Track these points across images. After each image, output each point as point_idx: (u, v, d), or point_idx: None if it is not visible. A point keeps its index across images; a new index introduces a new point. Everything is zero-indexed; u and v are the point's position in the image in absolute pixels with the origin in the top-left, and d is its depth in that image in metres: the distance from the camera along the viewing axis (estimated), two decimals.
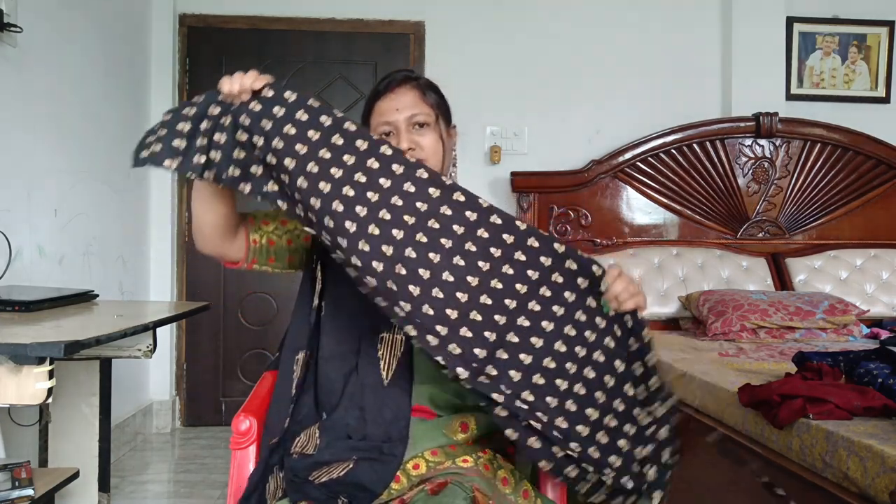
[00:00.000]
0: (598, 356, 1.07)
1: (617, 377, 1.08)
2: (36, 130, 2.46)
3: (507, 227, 1.08)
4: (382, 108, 1.26)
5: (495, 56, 3.59)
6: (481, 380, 1.01)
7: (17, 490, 1.74)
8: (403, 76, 1.29)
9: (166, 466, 3.11)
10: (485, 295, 1.04)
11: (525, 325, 1.05)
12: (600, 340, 1.08)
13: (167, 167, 1.07)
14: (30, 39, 2.37)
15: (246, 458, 1.21)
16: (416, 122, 1.25)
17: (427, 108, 1.27)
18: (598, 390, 1.06)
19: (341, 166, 1.06)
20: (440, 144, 1.27)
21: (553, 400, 1.03)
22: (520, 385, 1.03)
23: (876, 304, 3.28)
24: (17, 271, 2.27)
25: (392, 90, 1.27)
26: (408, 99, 1.26)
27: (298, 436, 1.19)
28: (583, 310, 1.08)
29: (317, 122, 1.08)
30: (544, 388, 1.03)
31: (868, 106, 3.81)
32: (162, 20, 3.55)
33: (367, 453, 1.13)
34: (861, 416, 1.57)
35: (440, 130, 1.28)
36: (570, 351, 1.06)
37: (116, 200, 3.12)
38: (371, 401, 1.16)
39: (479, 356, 1.02)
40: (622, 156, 3.48)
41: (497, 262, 1.06)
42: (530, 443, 1.01)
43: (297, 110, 1.08)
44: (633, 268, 3.35)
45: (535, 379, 1.03)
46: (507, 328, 1.04)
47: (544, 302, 1.06)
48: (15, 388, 1.31)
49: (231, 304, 3.67)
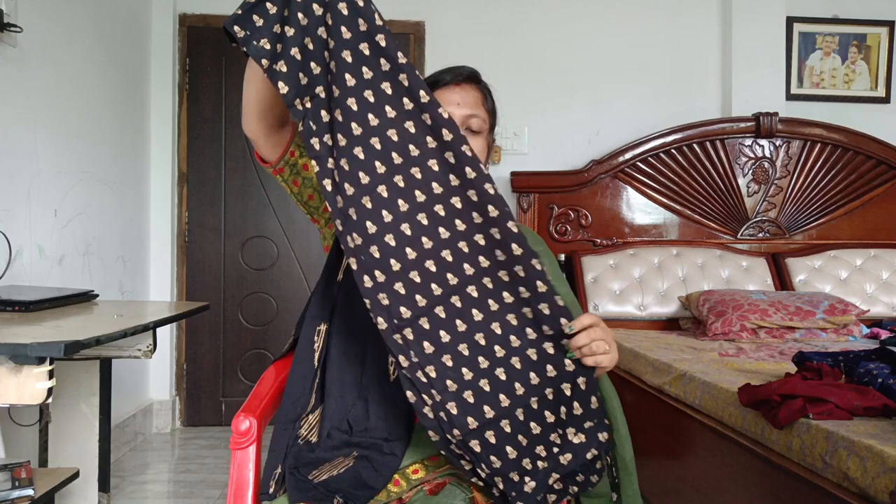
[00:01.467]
0: (516, 362, 1.03)
1: (529, 388, 1.03)
2: (36, 130, 2.46)
3: (479, 208, 1.05)
4: (443, 98, 1.24)
5: (495, 56, 3.60)
6: (395, 338, 1.00)
7: (17, 490, 1.74)
8: (470, 73, 1.29)
9: (166, 466, 3.11)
10: (431, 261, 1.03)
11: (457, 306, 1.03)
12: (524, 348, 1.04)
13: (236, 33, 1.00)
14: (30, 39, 2.37)
15: (246, 458, 1.21)
16: (471, 126, 1.25)
17: (485, 113, 1.28)
18: (504, 393, 1.02)
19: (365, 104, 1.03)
20: (484, 155, 1.29)
21: (453, 385, 1.01)
22: (428, 359, 1.01)
23: (876, 304, 3.29)
24: (17, 271, 2.27)
25: (459, 84, 1.26)
26: (471, 98, 1.26)
27: (307, 418, 1.19)
28: (516, 315, 1.05)
29: (376, 62, 1.04)
30: (450, 371, 1.01)
31: (868, 106, 3.81)
32: (162, 20, 3.55)
33: (367, 451, 1.13)
34: (861, 416, 1.57)
35: (488, 140, 1.30)
36: (489, 347, 1.03)
37: (116, 200, 3.13)
38: (376, 394, 1.15)
39: (403, 315, 1.01)
40: (622, 156, 3.48)
41: (456, 236, 1.04)
42: (425, 411, 1.00)
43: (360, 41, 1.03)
44: (634, 268, 3.35)
45: (445, 359, 1.01)
46: (439, 300, 1.03)
47: (483, 291, 1.04)
48: (15, 388, 1.31)
49: (231, 304, 3.68)
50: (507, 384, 1.02)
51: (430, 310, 1.02)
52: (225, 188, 3.67)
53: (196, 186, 3.67)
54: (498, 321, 1.04)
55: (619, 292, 3.29)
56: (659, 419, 2.37)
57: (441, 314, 1.02)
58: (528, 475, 1.00)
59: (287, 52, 1.01)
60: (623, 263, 3.37)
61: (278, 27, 1.01)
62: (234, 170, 3.67)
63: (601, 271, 3.34)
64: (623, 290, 3.29)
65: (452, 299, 1.03)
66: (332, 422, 1.17)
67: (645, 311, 3.26)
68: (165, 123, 3.55)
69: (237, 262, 3.69)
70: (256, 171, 3.67)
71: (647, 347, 2.69)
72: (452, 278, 1.03)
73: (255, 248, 3.69)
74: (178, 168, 3.63)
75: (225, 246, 3.69)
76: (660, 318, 3.26)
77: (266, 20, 1.00)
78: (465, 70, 1.30)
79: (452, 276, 1.03)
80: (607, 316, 3.24)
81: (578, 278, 3.32)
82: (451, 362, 1.01)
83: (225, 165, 3.67)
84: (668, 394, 2.31)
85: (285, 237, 3.69)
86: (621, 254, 3.41)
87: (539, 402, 1.03)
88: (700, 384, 2.11)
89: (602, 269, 3.35)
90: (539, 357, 1.04)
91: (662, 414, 2.33)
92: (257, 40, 1.00)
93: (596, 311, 3.23)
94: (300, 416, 1.19)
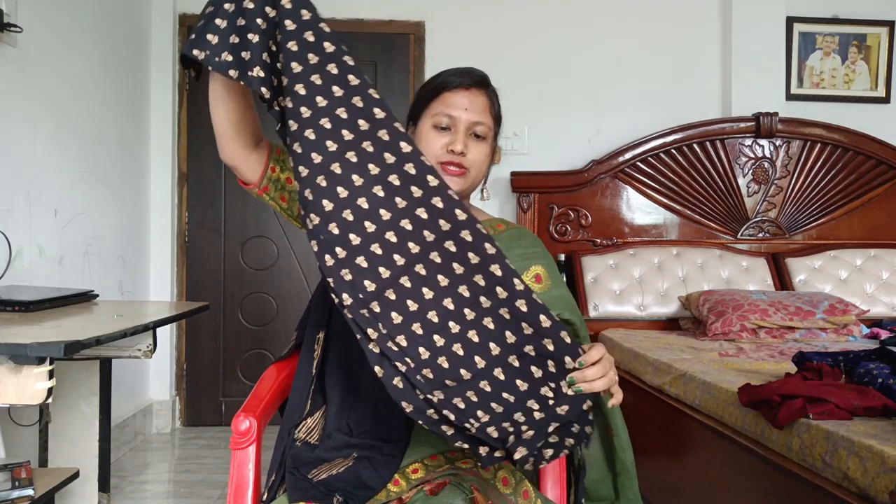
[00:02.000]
0: (489, 323, 1.02)
1: (506, 346, 1.02)
2: (36, 130, 2.46)
3: (432, 171, 1.05)
4: (450, 100, 1.25)
5: (495, 56, 3.59)
6: (363, 312, 0.99)
7: (17, 490, 1.74)
8: (480, 78, 1.29)
9: (166, 466, 3.11)
10: (392, 232, 1.02)
11: (421, 274, 1.02)
12: (496, 308, 1.02)
13: (197, 56, 1.03)
14: (30, 39, 2.37)
15: (246, 458, 1.21)
16: (476, 132, 1.25)
17: (491, 120, 1.28)
18: (478, 354, 1.01)
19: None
20: (488, 161, 1.30)
21: (426, 352, 1.00)
22: (398, 329, 1.00)
23: (876, 304, 3.29)
24: (17, 271, 2.27)
25: (468, 88, 1.26)
26: (479, 103, 1.26)
27: (305, 421, 1.19)
28: (483, 275, 1.02)
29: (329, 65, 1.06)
30: (421, 338, 1.00)
31: (868, 106, 3.81)
32: (162, 20, 3.55)
33: (367, 452, 1.13)
34: (861, 416, 1.57)
35: (493, 147, 1.31)
36: (459, 311, 1.01)
37: (116, 200, 3.13)
38: (375, 395, 1.16)
39: (368, 289, 1.00)
40: (622, 156, 3.48)
41: (413, 203, 1.03)
42: (395, 382, 0.98)
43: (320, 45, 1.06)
44: (634, 268, 3.36)
45: (415, 327, 1.00)
46: (403, 270, 1.02)
47: (447, 256, 1.03)
48: (15, 388, 1.31)
49: (231, 304, 3.68)
50: (480, 346, 1.01)
51: (394, 280, 1.01)
52: (225, 188, 3.67)
53: (196, 186, 3.67)
54: (465, 283, 1.02)
55: (619, 292, 3.29)
56: (659, 419, 2.37)
57: (406, 283, 1.01)
58: (524, 425, 0.98)
59: (258, 56, 1.03)
60: (623, 263, 3.37)
61: (235, 37, 1.03)
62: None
63: (601, 271, 3.34)
64: (623, 290, 3.29)
65: (416, 268, 1.02)
66: (332, 425, 1.17)
67: (645, 311, 3.26)
68: (165, 123, 3.55)
69: (237, 262, 3.69)
70: None
71: (647, 347, 2.69)
72: (414, 247, 1.02)
73: (255, 248, 3.69)
74: (178, 168, 3.63)
75: (225, 246, 3.69)
76: (660, 318, 3.26)
77: (220, 35, 1.03)
78: (476, 74, 1.29)
79: (414, 244, 1.02)
80: (607, 316, 3.24)
81: (578, 278, 3.32)
82: (421, 330, 1.00)
83: (225, 165, 3.66)
84: (668, 394, 2.31)
85: (285, 237, 3.69)
86: (621, 254, 3.41)
87: (520, 360, 1.01)
88: (700, 384, 2.11)
89: (602, 269, 3.35)
90: (512, 316, 1.02)
91: (662, 414, 2.33)
92: (219, 56, 1.02)
93: (596, 311, 3.24)
94: (298, 422, 1.19)
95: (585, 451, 1.29)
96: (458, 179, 1.25)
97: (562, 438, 0.99)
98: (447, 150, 1.24)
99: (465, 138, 1.24)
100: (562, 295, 1.28)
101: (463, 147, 1.23)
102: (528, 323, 1.01)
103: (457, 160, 1.24)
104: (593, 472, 1.30)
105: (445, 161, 1.24)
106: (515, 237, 1.34)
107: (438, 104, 1.26)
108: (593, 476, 1.30)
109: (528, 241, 1.34)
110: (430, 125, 1.26)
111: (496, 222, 1.38)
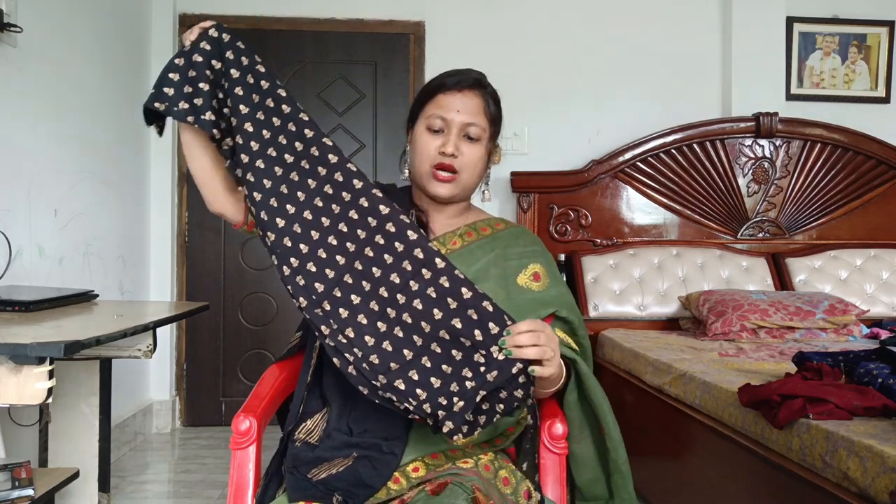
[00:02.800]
0: (418, 303, 1.10)
1: (435, 323, 1.09)
2: (36, 130, 2.46)
3: (358, 175, 1.17)
4: (444, 102, 1.26)
5: (495, 56, 3.60)
6: (316, 312, 1.10)
7: (17, 490, 1.74)
8: (475, 80, 1.29)
9: (166, 466, 3.11)
10: (332, 236, 1.14)
11: (359, 269, 1.13)
12: (423, 289, 1.11)
13: (158, 109, 1.18)
14: (30, 39, 2.37)
15: (246, 458, 1.21)
16: (469, 133, 1.25)
17: (485, 121, 1.28)
18: (415, 333, 1.09)
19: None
20: (483, 162, 1.30)
21: (370, 339, 1.09)
22: (345, 322, 1.10)
23: (876, 304, 3.29)
24: (17, 271, 2.27)
25: (461, 90, 1.26)
26: (472, 105, 1.26)
27: (304, 423, 1.20)
28: (410, 260, 1.12)
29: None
30: (366, 328, 1.09)
31: (868, 106, 3.81)
32: (162, 20, 3.55)
33: (366, 451, 1.13)
34: (861, 416, 1.57)
35: (488, 148, 1.30)
36: (392, 297, 1.11)
37: (116, 200, 3.13)
38: None
39: (318, 290, 1.12)
40: (622, 156, 3.48)
41: (344, 207, 1.16)
42: (350, 371, 1.06)
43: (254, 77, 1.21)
44: (634, 268, 3.36)
45: (360, 318, 1.10)
46: (345, 269, 1.13)
47: (378, 249, 1.13)
48: (15, 388, 1.31)
49: (231, 304, 3.68)
50: (415, 326, 1.10)
51: (339, 279, 1.12)
52: None
53: (196, 186, 3.66)
54: (395, 271, 1.12)
55: (619, 292, 3.29)
56: (659, 419, 2.37)
57: (349, 280, 1.12)
58: (455, 396, 1.04)
59: (208, 102, 1.18)
60: (623, 263, 3.37)
61: (188, 87, 1.17)
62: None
63: (601, 271, 3.34)
64: (623, 290, 3.29)
65: (355, 264, 1.13)
66: (333, 425, 1.17)
67: (645, 311, 3.26)
68: (165, 123, 3.54)
69: (237, 262, 3.69)
70: None
71: (647, 347, 2.69)
72: (351, 246, 1.14)
73: (255, 248, 3.69)
74: (179, 168, 3.63)
75: (225, 246, 3.69)
76: (660, 318, 3.26)
77: (175, 87, 1.17)
78: (471, 75, 1.29)
79: (350, 243, 1.14)
80: (607, 316, 3.24)
81: (578, 278, 3.32)
82: (365, 320, 1.10)
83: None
84: (668, 394, 2.31)
85: None
86: (621, 254, 3.41)
87: (450, 332, 1.08)
88: (700, 384, 2.11)
89: (602, 269, 3.35)
90: (438, 294, 1.10)
91: (662, 414, 2.33)
92: (176, 105, 1.17)
93: (596, 311, 3.24)
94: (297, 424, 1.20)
95: (579, 450, 1.29)
96: (449, 185, 1.27)
97: (492, 405, 1.05)
98: (439, 151, 1.24)
99: (458, 140, 1.24)
100: (560, 294, 1.28)
101: (454, 149, 1.23)
102: (451, 297, 1.10)
103: (448, 162, 1.24)
104: (587, 472, 1.30)
105: (438, 164, 1.25)
106: (514, 235, 1.35)
107: (432, 106, 1.26)
108: (587, 476, 1.30)
109: (526, 239, 1.34)
110: (424, 127, 1.27)
111: (495, 221, 1.38)
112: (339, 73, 3.68)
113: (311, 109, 3.67)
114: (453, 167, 1.25)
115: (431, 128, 1.25)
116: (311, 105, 3.66)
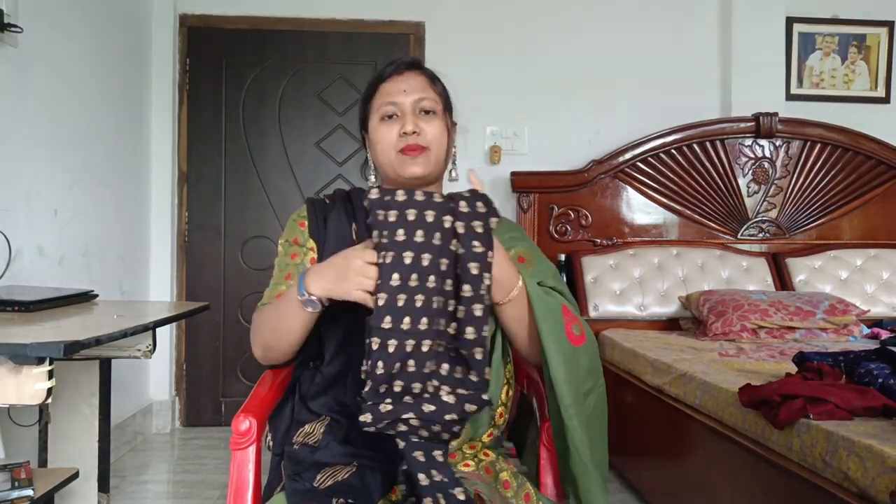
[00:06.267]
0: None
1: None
2: (36, 130, 2.46)
3: None
4: (388, 90, 1.23)
5: (495, 56, 3.60)
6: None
7: (17, 490, 1.74)
8: (411, 61, 1.28)
9: (166, 466, 3.11)
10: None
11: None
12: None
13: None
14: (30, 39, 2.37)
15: (246, 458, 1.21)
16: (424, 108, 1.22)
17: (435, 94, 1.25)
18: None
19: None
20: (445, 135, 1.25)
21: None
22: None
23: (876, 304, 3.29)
24: (16, 271, 2.27)
25: (400, 73, 1.25)
26: (416, 83, 1.24)
27: (303, 426, 1.19)
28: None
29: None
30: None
31: (868, 106, 3.81)
32: (162, 20, 3.55)
33: (368, 461, 1.12)
34: (861, 416, 1.57)
35: (446, 120, 1.27)
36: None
37: (116, 200, 3.12)
38: None
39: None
40: (622, 156, 3.48)
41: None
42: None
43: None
44: (634, 268, 3.35)
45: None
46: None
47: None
48: (15, 388, 1.31)
49: (231, 304, 3.67)
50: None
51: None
52: (225, 188, 3.67)
53: (196, 186, 3.66)
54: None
55: (619, 292, 3.29)
56: (659, 419, 2.37)
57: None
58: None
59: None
60: (623, 263, 3.37)
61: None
62: (234, 170, 3.67)
63: (601, 271, 3.34)
64: (623, 290, 3.29)
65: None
66: (331, 430, 1.17)
67: (645, 311, 3.26)
68: (165, 123, 3.55)
69: (237, 262, 3.69)
70: (256, 172, 3.67)
71: (647, 347, 2.69)
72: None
73: (255, 248, 3.68)
74: (178, 168, 3.62)
75: (225, 246, 3.69)
76: (660, 319, 3.26)
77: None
78: (407, 58, 1.29)
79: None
80: (607, 316, 3.24)
81: (578, 278, 3.32)
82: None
83: (225, 165, 3.67)
84: (668, 394, 2.31)
85: None
86: (621, 254, 3.41)
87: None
88: (700, 384, 2.11)
89: (602, 269, 3.35)
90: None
91: (662, 414, 2.33)
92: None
93: (596, 311, 3.24)
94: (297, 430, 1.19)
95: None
96: (421, 159, 1.21)
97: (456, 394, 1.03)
98: (400, 134, 1.21)
99: (414, 118, 1.21)
100: (545, 267, 1.27)
101: (414, 126, 1.20)
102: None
103: (413, 141, 1.20)
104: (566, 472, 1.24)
105: (403, 147, 1.21)
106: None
107: (379, 97, 1.24)
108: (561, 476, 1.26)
109: (504, 225, 1.31)
110: (377, 120, 1.24)
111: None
112: (339, 73, 3.67)
113: (311, 109, 3.67)
114: (420, 145, 1.21)
115: (385, 115, 1.22)
116: (311, 105, 3.66)
